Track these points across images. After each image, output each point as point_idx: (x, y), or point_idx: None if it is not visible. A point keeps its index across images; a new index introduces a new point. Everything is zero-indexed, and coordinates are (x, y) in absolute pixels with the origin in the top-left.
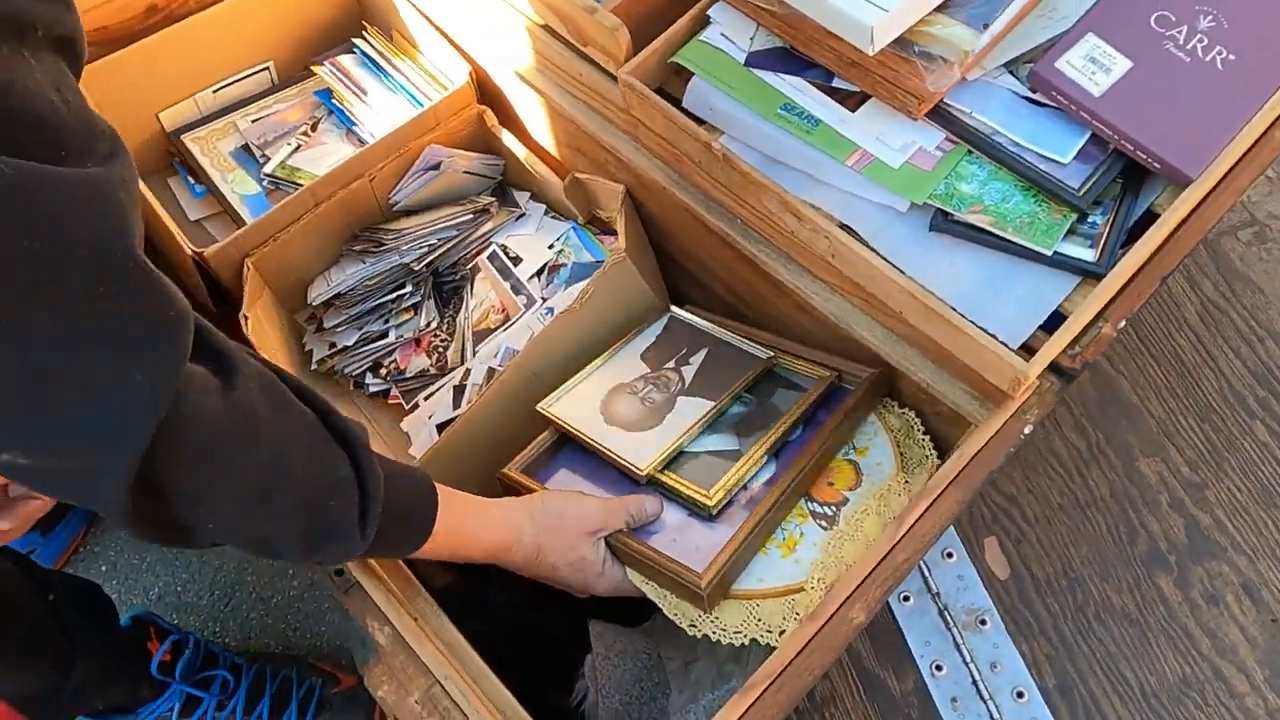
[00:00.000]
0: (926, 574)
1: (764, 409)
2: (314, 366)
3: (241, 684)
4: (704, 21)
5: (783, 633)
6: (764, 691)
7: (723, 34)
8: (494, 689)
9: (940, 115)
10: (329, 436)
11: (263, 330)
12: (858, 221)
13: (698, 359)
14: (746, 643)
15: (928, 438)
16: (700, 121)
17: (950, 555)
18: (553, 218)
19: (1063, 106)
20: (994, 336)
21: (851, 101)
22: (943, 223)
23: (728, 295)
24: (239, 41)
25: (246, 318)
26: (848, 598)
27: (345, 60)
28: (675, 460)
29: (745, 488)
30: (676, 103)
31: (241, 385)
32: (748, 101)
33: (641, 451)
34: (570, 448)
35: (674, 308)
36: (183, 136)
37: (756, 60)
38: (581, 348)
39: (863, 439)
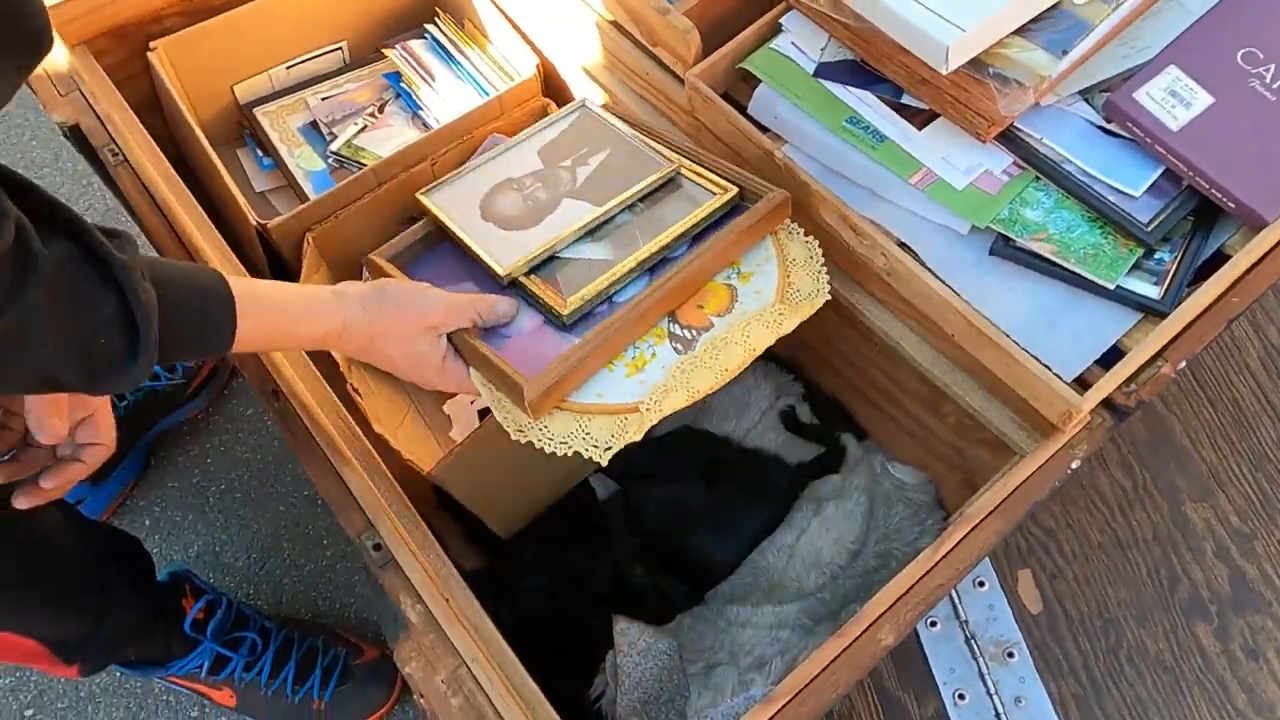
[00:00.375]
0: (956, 601)
1: (651, 220)
2: None
3: (269, 648)
4: (775, 29)
5: (609, 449)
6: (786, 704)
7: (793, 43)
8: (518, 675)
9: (1010, 139)
10: (94, 274)
11: None
12: (916, 241)
13: (596, 160)
14: (570, 454)
15: (825, 271)
16: (764, 129)
17: (982, 584)
18: None
19: (1137, 139)
20: (1048, 367)
21: (919, 119)
22: (1004, 248)
23: None
24: (315, 20)
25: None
26: (879, 618)
27: (416, 45)
28: (545, 265)
29: (610, 301)
30: (741, 109)
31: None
32: (813, 112)
33: (508, 252)
34: (448, 243)
35: (588, 101)
36: (255, 110)
37: (826, 71)
38: None
39: (751, 263)
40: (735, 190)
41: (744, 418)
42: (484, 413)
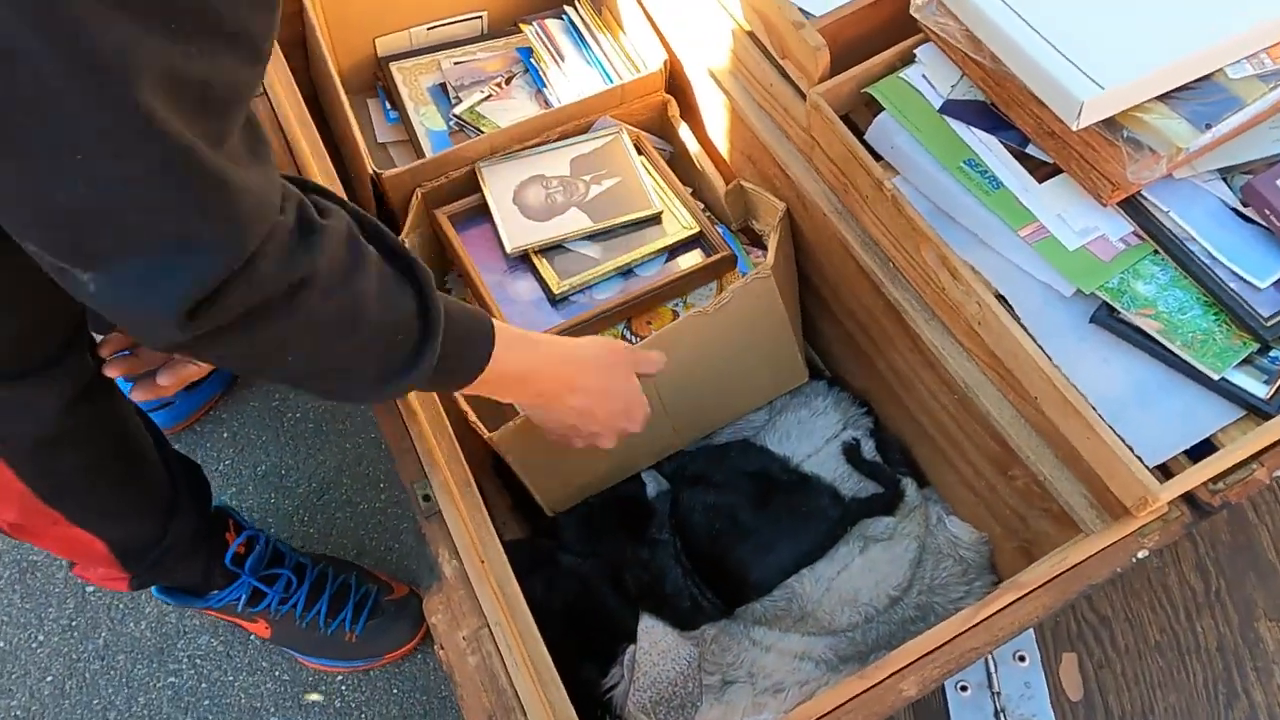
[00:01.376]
0: (992, 669)
1: (633, 239)
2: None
3: (304, 583)
4: (907, 59)
5: None
6: None
7: (924, 75)
8: (536, 648)
9: (1133, 207)
10: (398, 275)
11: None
12: (1015, 294)
13: (608, 183)
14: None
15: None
16: (878, 158)
17: (1023, 659)
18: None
19: (1274, 228)
20: (1130, 448)
21: (1040, 172)
22: (1106, 318)
23: (857, 332)
24: None
25: (404, 241)
26: (905, 667)
27: (552, 24)
28: (553, 250)
29: (589, 290)
30: (859, 134)
31: (324, 234)
32: (932, 148)
33: (519, 235)
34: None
35: (623, 130)
36: (391, 64)
37: (952, 109)
38: (702, 350)
39: (696, 298)
40: (696, 230)
41: (806, 441)
42: None
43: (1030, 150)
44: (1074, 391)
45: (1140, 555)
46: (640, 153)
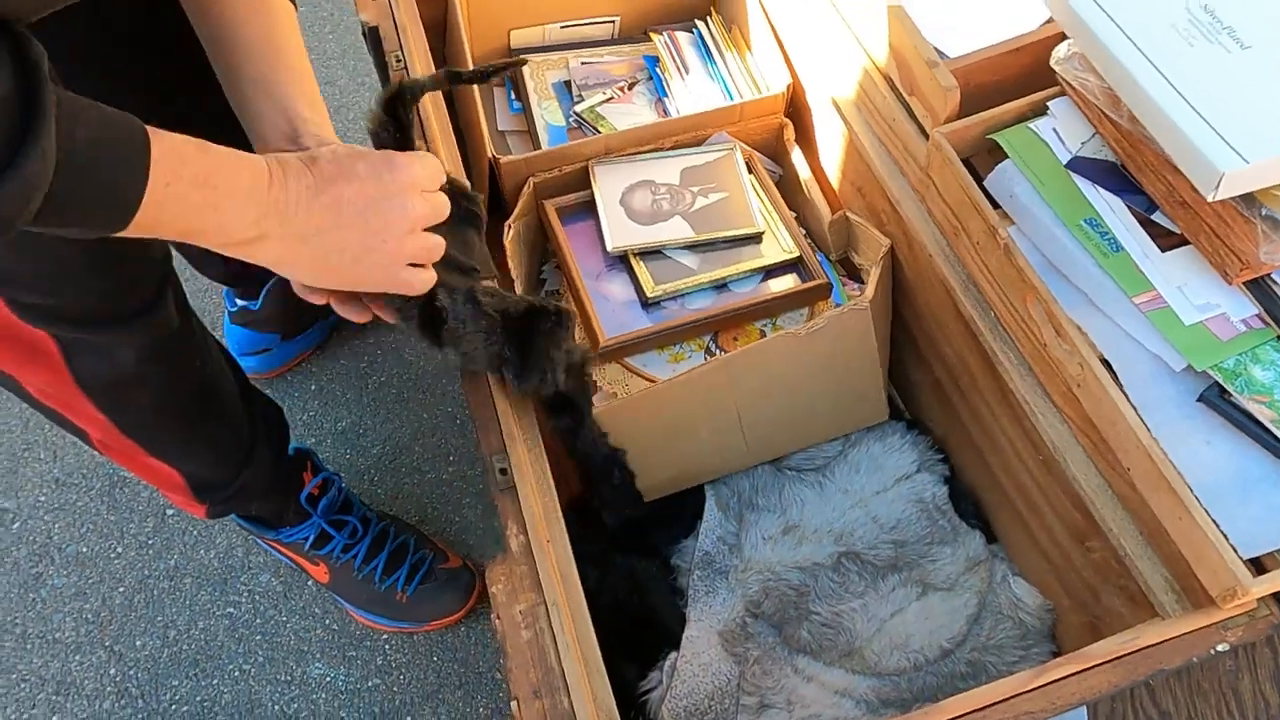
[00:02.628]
0: None
1: (731, 254)
2: (543, 293)
3: (367, 535)
4: (1039, 110)
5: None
6: None
7: (1055, 129)
8: (586, 634)
9: (1260, 288)
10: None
11: (517, 243)
12: (1120, 361)
13: (715, 197)
14: (605, 388)
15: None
16: (995, 205)
17: None
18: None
19: None
20: (1225, 536)
21: (1165, 240)
22: (1216, 399)
23: (944, 377)
24: None
25: (510, 227)
26: (954, 719)
27: (682, 36)
28: (651, 255)
29: (681, 298)
30: (978, 179)
31: None
32: (1053, 202)
33: (621, 235)
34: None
35: (737, 149)
36: (522, 56)
37: (1079, 165)
38: (786, 372)
39: (785, 320)
40: (795, 254)
41: (875, 477)
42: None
43: (1157, 217)
44: (1171, 469)
45: (1219, 648)
46: (750, 171)
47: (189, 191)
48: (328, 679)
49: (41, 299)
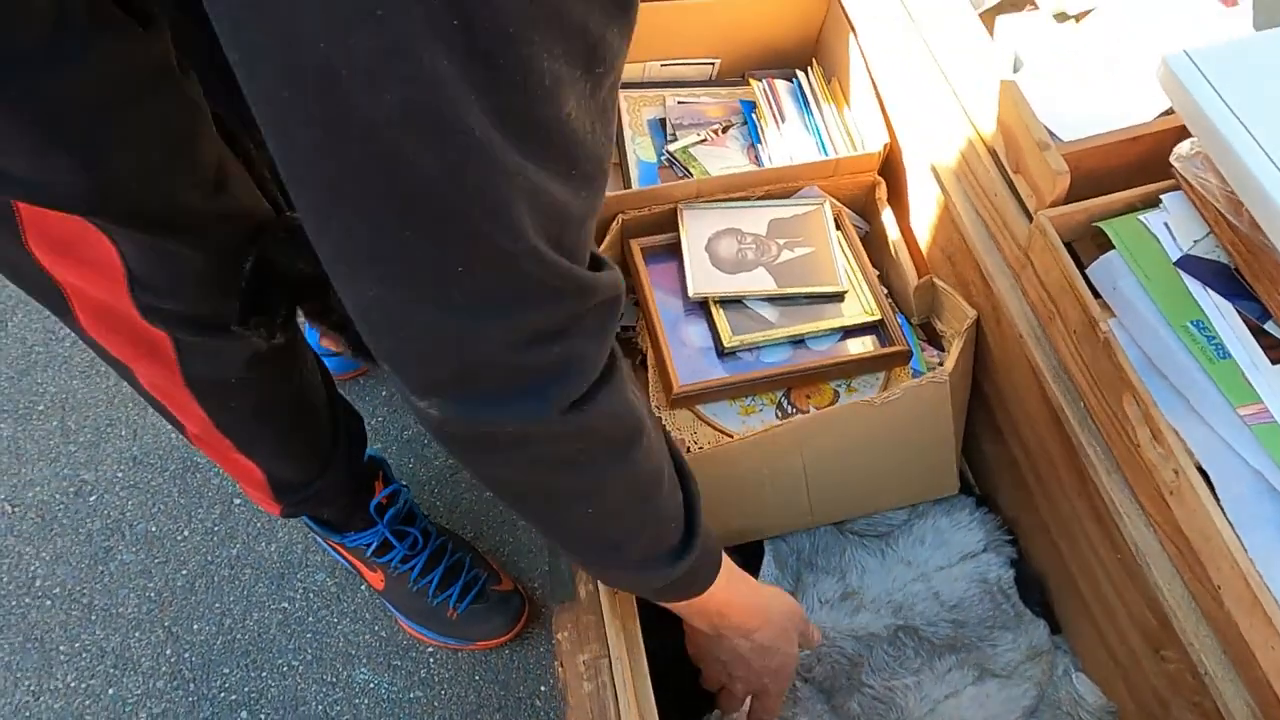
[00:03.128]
0: None
1: (812, 310)
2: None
3: (427, 548)
4: (1151, 203)
5: (701, 447)
6: None
7: (1166, 223)
8: (646, 692)
9: None
10: (676, 466)
11: None
12: (1219, 473)
13: (801, 251)
14: (675, 435)
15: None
16: (1095, 294)
17: None
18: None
19: None
20: None
21: (1276, 352)
22: None
23: (1022, 459)
24: (703, 33)
25: None
26: None
27: (780, 85)
28: (732, 303)
29: (758, 350)
30: (1079, 265)
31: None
32: (1159, 300)
33: (704, 281)
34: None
35: (827, 204)
36: (620, 90)
37: (1190, 265)
38: (858, 439)
39: (860, 383)
40: (878, 317)
41: (939, 552)
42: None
43: (1269, 327)
44: (1267, 593)
45: None
46: (838, 227)
47: (706, 604)
48: (371, 685)
49: (170, 304)
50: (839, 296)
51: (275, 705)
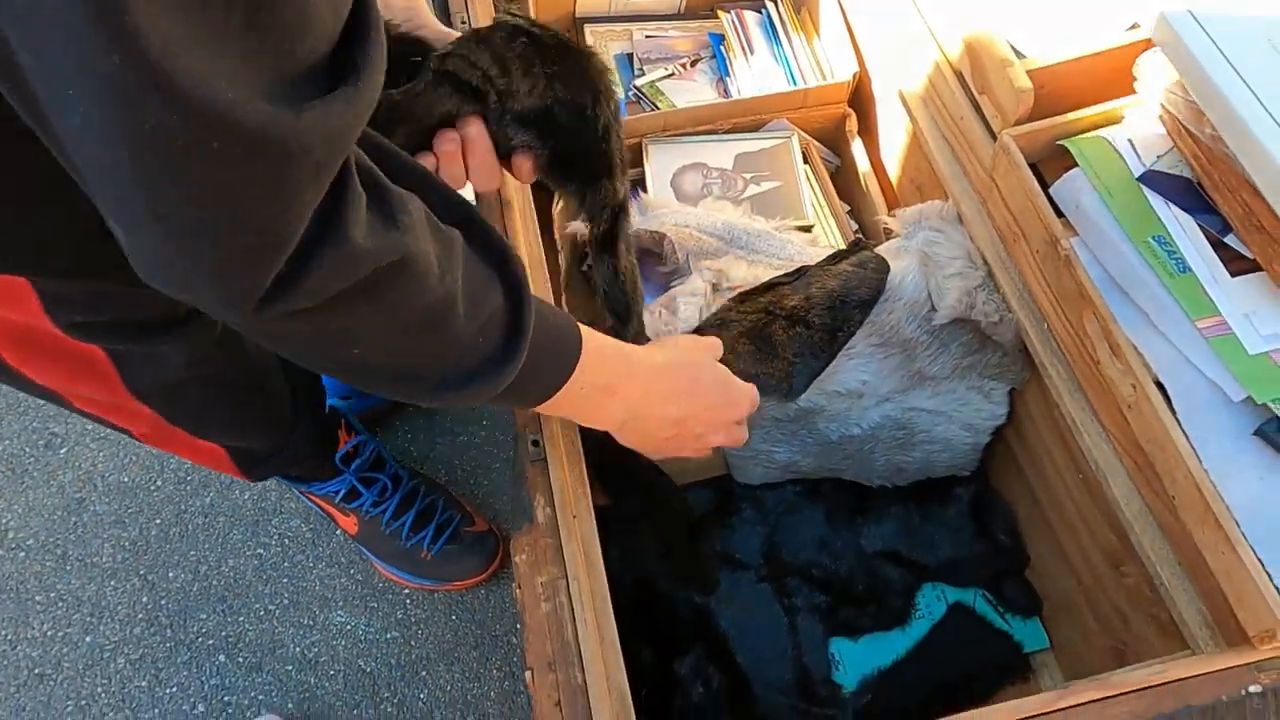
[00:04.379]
0: None
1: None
2: (584, 266)
3: (396, 493)
4: (1115, 120)
5: None
6: None
7: (1130, 139)
8: (605, 610)
9: None
10: (490, 272)
11: (564, 215)
12: (1176, 387)
13: (768, 185)
14: None
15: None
16: (1059, 214)
17: None
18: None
19: None
20: (1269, 575)
21: (1235, 265)
22: (1274, 433)
23: None
24: None
25: (559, 196)
26: None
27: (749, 16)
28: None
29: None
30: (1045, 186)
31: (408, 224)
32: (1121, 216)
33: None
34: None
35: (795, 137)
36: (586, 25)
37: (1152, 180)
38: None
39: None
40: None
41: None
42: None
43: (1229, 240)
44: (1219, 502)
45: (1251, 689)
46: (806, 161)
47: (591, 393)
48: (348, 627)
49: (95, 317)
50: (806, 230)
51: (253, 649)
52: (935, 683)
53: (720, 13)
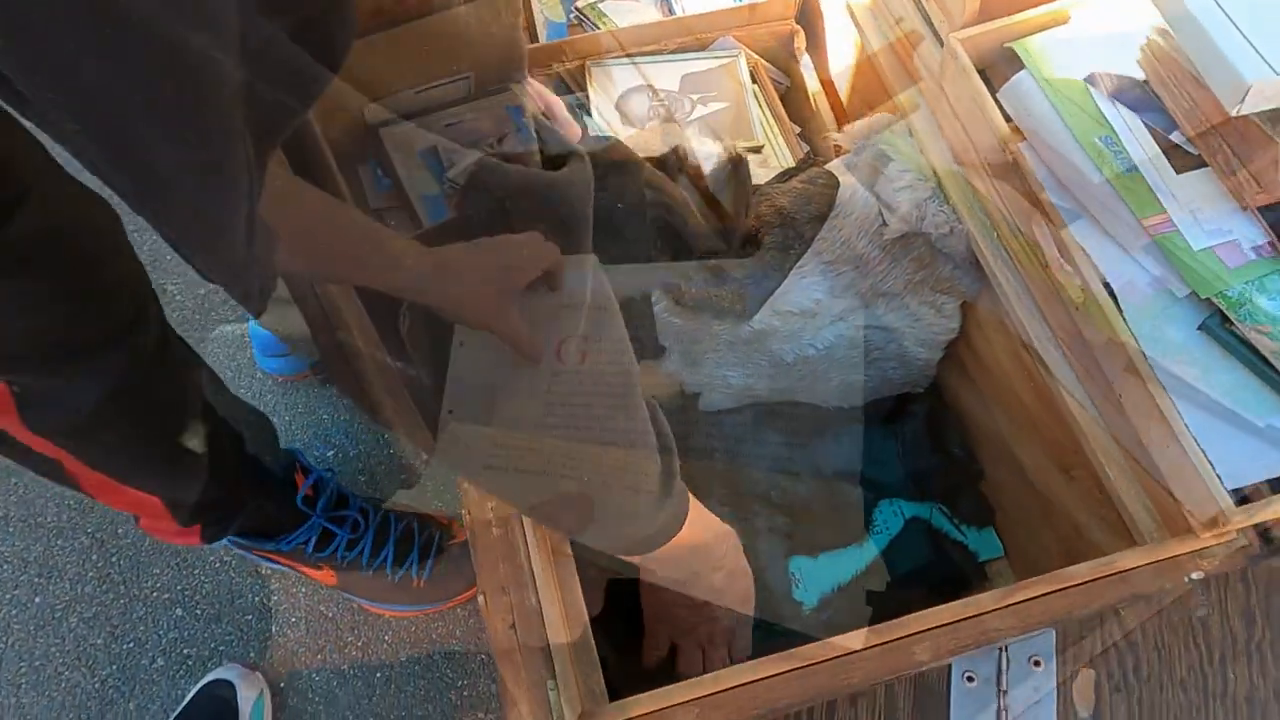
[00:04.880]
0: (1003, 666)
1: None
2: None
3: (370, 526)
4: (1062, 20)
5: None
6: (805, 666)
7: (1077, 40)
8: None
9: (1275, 216)
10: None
11: None
12: (1122, 285)
13: (715, 106)
14: None
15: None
16: (1008, 119)
17: (1038, 664)
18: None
19: None
20: (1211, 464)
21: (1181, 162)
22: (1218, 327)
23: None
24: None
25: None
26: (921, 631)
27: None
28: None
29: None
30: (991, 90)
31: None
32: (1069, 117)
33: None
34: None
35: (742, 55)
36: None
37: (1099, 80)
38: None
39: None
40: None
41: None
42: None
43: (1175, 138)
44: (1165, 397)
45: (1194, 576)
46: (754, 81)
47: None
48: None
49: None
50: (755, 151)
51: (210, 601)
52: (894, 597)
53: None
